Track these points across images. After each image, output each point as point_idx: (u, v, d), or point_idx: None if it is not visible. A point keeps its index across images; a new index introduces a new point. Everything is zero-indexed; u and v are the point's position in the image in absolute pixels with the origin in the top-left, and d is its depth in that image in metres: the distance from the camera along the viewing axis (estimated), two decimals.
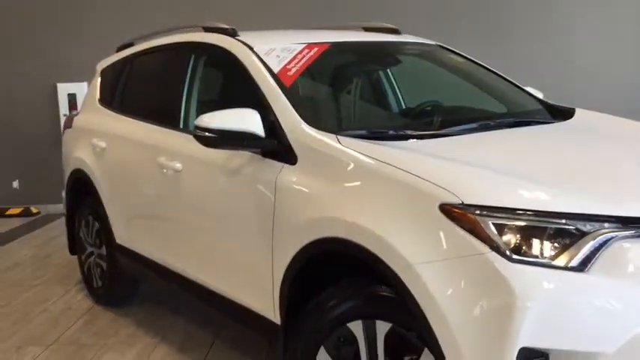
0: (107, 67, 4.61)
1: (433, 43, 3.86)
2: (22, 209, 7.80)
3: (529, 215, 2.02)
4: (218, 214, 3.08)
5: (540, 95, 3.69)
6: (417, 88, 3.94)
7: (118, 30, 6.31)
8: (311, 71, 3.28)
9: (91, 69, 4.92)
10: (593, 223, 2.00)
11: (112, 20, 7.48)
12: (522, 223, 2.01)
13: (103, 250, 4.32)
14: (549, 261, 1.97)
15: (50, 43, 7.66)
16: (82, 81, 7.57)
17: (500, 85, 3.66)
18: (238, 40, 3.27)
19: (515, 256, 1.96)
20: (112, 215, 4.08)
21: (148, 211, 3.72)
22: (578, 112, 3.33)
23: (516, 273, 1.93)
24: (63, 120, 7.60)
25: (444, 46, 3.86)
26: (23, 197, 7.89)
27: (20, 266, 5.60)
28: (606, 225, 2.01)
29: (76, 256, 4.87)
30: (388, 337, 2.30)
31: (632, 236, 2.00)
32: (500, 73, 3.72)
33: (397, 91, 3.95)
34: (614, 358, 1.90)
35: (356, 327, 2.36)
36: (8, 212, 7.74)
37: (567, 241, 1.99)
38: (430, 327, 2.06)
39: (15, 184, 7.97)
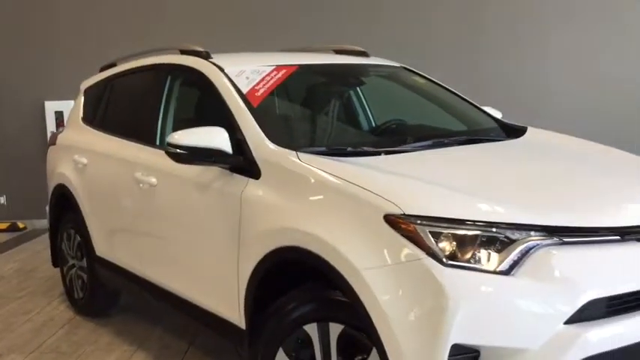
0: (90, 86, 4.81)
1: (398, 65, 4.09)
2: (9, 224, 7.93)
3: (463, 224, 2.22)
4: (190, 225, 3.27)
5: (499, 115, 3.91)
6: (381, 108, 4.16)
7: (103, 50, 6.53)
8: (278, 92, 3.48)
9: (77, 88, 5.11)
10: (520, 232, 2.21)
11: (98, 41, 7.69)
12: (457, 232, 2.21)
13: (84, 263, 4.48)
14: (480, 266, 2.17)
15: (38, 62, 7.86)
16: (69, 99, 7.76)
17: (460, 104, 3.88)
18: (211, 62, 3.48)
19: (449, 262, 2.16)
20: (92, 228, 4.26)
21: (126, 223, 3.90)
22: (530, 130, 3.55)
23: (449, 276, 2.13)
24: (49, 137, 7.82)
25: (408, 67, 4.09)
26: (10, 213, 8.04)
27: (5, 279, 5.74)
28: (532, 233, 2.21)
29: (59, 269, 5.04)
30: (340, 338, 2.48)
31: (556, 243, 2.21)
32: (459, 94, 3.95)
33: (361, 110, 4.17)
34: (538, 354, 2.10)
35: (311, 329, 2.54)
36: None
37: (497, 248, 2.19)
38: (375, 327, 2.25)
39: (2, 199, 8.11)
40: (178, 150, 2.95)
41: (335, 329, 2.49)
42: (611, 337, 2.15)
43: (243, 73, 3.36)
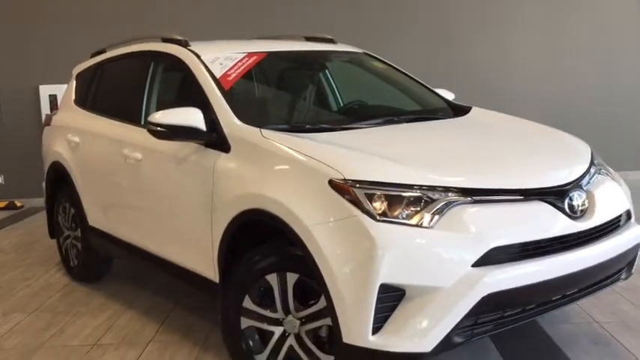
0: (82, 71, 5.22)
1: (360, 50, 4.53)
2: (6, 203, 8.36)
3: (393, 187, 2.67)
4: (170, 194, 3.71)
5: (451, 96, 4.35)
6: (344, 90, 4.60)
7: (94, 37, 6.92)
8: (248, 76, 3.91)
9: (70, 73, 5.52)
10: (440, 193, 2.67)
11: (90, 28, 8.09)
12: (387, 193, 2.66)
13: (78, 233, 4.92)
14: (406, 221, 2.62)
15: (33, 48, 8.26)
16: (63, 83, 8.15)
17: (415, 87, 4.32)
18: (189, 49, 3.90)
19: (380, 217, 2.61)
20: (84, 200, 4.69)
21: (114, 195, 4.33)
22: (473, 110, 4.00)
23: (379, 229, 2.58)
24: (44, 119, 8.23)
25: (370, 53, 4.52)
26: (8, 192, 8.48)
27: (4, 252, 6.18)
28: (450, 194, 2.67)
29: (55, 241, 5.48)
30: (296, 285, 2.94)
31: (469, 202, 2.67)
32: (415, 77, 4.38)
33: (325, 92, 4.60)
34: (450, 291, 2.55)
35: (272, 278, 3.00)
36: None
37: (420, 206, 2.64)
38: (321, 273, 2.70)
39: (0, 179, 8.54)
40: (159, 128, 3.38)
41: (291, 278, 2.95)
42: (509, 279, 2.61)
43: (217, 59, 3.79)
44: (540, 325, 3.80)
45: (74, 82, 5.27)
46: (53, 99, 8.37)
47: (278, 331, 3.02)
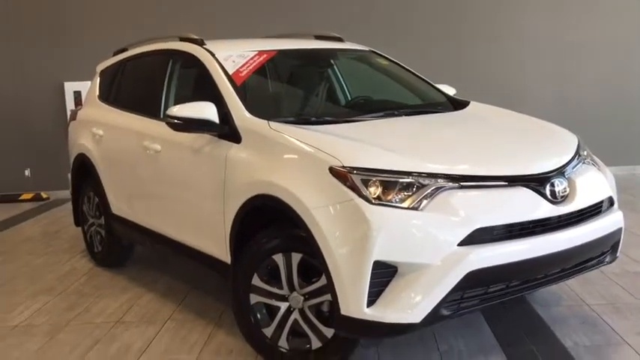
0: (105, 68, 5.54)
1: (367, 48, 4.78)
2: (33, 195, 8.74)
3: (386, 173, 2.93)
4: (186, 183, 3.99)
5: (452, 92, 4.59)
6: (351, 86, 4.86)
7: (116, 36, 7.26)
8: (259, 73, 4.18)
9: (93, 70, 5.83)
10: (430, 179, 2.92)
11: (112, 27, 8.44)
12: (382, 179, 2.92)
13: (102, 220, 5.24)
14: (399, 204, 2.87)
15: (59, 46, 8.63)
16: (87, 80, 8.53)
17: (417, 82, 4.57)
18: (204, 48, 4.18)
19: (375, 201, 2.87)
20: (108, 190, 5.00)
21: (135, 184, 4.63)
22: (472, 104, 4.24)
23: (374, 212, 2.83)
24: (69, 114, 8.59)
25: (376, 51, 4.78)
26: (34, 184, 8.86)
27: (32, 240, 6.54)
28: (439, 180, 2.92)
29: (79, 229, 5.81)
30: (300, 264, 3.22)
31: (456, 187, 2.93)
32: (418, 74, 4.63)
33: (332, 87, 4.86)
34: (438, 267, 2.80)
35: (278, 258, 3.27)
36: (21, 197, 8.69)
37: (412, 191, 2.90)
38: (322, 252, 2.96)
39: (27, 172, 8.91)
40: (176, 121, 3.66)
41: (295, 258, 3.22)
42: (492, 257, 2.85)
43: (230, 57, 4.07)
44: (533, 307, 4.04)
45: (98, 78, 5.58)
46: (77, 95, 8.72)
47: (284, 306, 3.29)
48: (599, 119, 8.29)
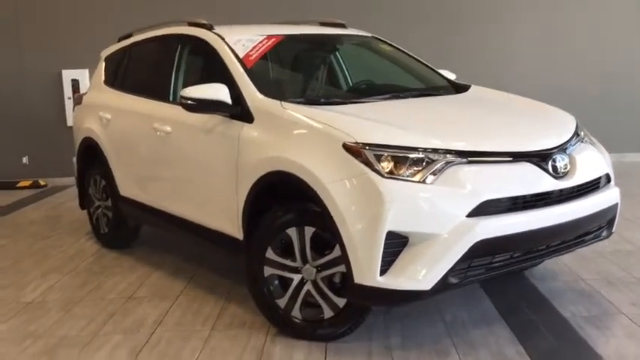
0: (110, 54, 5.64)
1: (369, 35, 4.93)
2: (31, 182, 8.82)
3: (397, 149, 3.08)
4: (199, 162, 4.12)
5: (453, 76, 4.74)
6: (354, 70, 5.01)
7: (114, 24, 7.37)
8: (268, 56, 4.31)
9: (91, 58, 5.92)
10: (439, 154, 3.08)
11: (110, 15, 8.54)
12: (393, 154, 3.07)
13: (109, 203, 5.35)
14: (410, 178, 3.03)
15: (57, 34, 8.71)
16: (84, 68, 8.65)
17: (419, 67, 4.72)
18: (214, 32, 4.31)
19: (387, 175, 3.02)
20: (116, 172, 5.12)
21: (145, 165, 4.75)
22: (473, 87, 4.40)
23: (387, 185, 2.99)
24: (67, 102, 8.71)
25: (378, 37, 4.93)
26: (32, 171, 8.95)
27: (36, 223, 6.63)
28: (448, 155, 3.08)
29: (83, 214, 5.94)
30: (313, 237, 3.36)
31: (464, 162, 3.09)
32: (419, 59, 4.78)
33: (337, 71, 5.00)
34: (447, 237, 2.96)
35: (292, 232, 3.41)
36: (19, 185, 8.76)
37: (422, 166, 3.05)
38: (336, 225, 3.11)
39: (25, 159, 9.01)
40: (190, 102, 3.79)
41: (308, 231, 3.36)
42: (498, 227, 3.02)
43: (239, 41, 4.20)
44: (531, 282, 4.22)
45: (103, 63, 5.68)
46: (75, 83, 8.84)
47: (297, 278, 3.44)
48: (588, 108, 8.47)
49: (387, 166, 3.05)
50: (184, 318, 3.91)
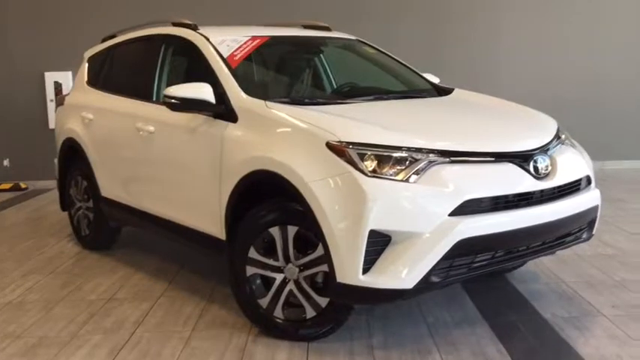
0: (94, 54, 5.61)
1: (353, 37, 4.95)
2: (12, 184, 8.72)
3: (381, 147, 3.09)
4: (182, 162, 4.10)
5: (436, 80, 4.77)
6: (338, 72, 5.03)
7: (98, 26, 7.32)
8: (252, 57, 4.32)
9: (75, 60, 5.89)
10: (422, 154, 3.09)
11: (94, 17, 8.50)
12: (377, 153, 3.07)
13: (90, 204, 5.30)
14: (393, 177, 3.03)
15: (40, 36, 8.65)
16: (67, 70, 8.60)
17: (403, 71, 4.74)
18: (198, 32, 4.30)
19: (370, 174, 3.02)
20: (98, 173, 5.08)
21: (128, 165, 4.72)
22: (456, 91, 4.43)
23: (370, 183, 2.99)
24: (50, 105, 8.64)
25: (362, 40, 4.95)
26: (13, 174, 8.86)
27: (17, 225, 6.57)
28: (431, 155, 3.09)
29: (65, 217, 5.89)
30: (296, 237, 3.35)
31: (446, 162, 3.10)
32: (403, 62, 4.81)
33: (321, 72, 5.02)
34: (430, 236, 2.97)
35: (274, 231, 3.40)
36: (0, 187, 8.68)
37: (405, 165, 3.06)
38: (319, 223, 3.11)
39: (6, 162, 8.93)
40: (173, 100, 3.78)
41: (291, 230, 3.36)
42: (480, 227, 3.03)
43: (224, 41, 4.20)
44: (512, 284, 4.24)
45: (86, 64, 5.64)
46: (58, 86, 8.77)
47: (279, 277, 3.43)
48: (570, 116, 8.54)
49: (370, 164, 3.06)
50: (165, 318, 3.88)
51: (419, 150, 3.10)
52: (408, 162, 3.07)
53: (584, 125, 8.59)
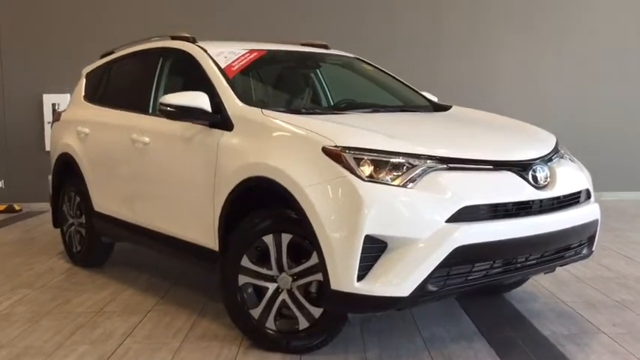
0: (91, 70, 5.60)
1: (351, 55, 4.94)
2: (6, 206, 8.63)
3: (378, 153, 3.04)
4: (176, 173, 4.05)
5: (435, 98, 4.75)
6: (336, 88, 5.01)
7: (96, 48, 7.31)
8: (249, 69, 4.29)
9: (73, 82, 5.86)
10: (419, 160, 3.04)
11: (92, 41, 8.51)
12: (373, 158, 3.03)
13: (83, 219, 5.23)
14: (389, 182, 2.98)
15: (38, 59, 8.67)
16: (65, 93, 8.58)
17: (401, 88, 4.73)
18: (197, 45, 4.30)
19: (366, 179, 2.97)
20: (91, 187, 5.01)
21: (123, 178, 4.65)
22: (454, 108, 4.41)
23: (366, 188, 2.94)
24: (47, 127, 8.61)
25: (360, 58, 4.94)
26: (7, 195, 8.78)
27: (8, 244, 6.46)
28: (428, 161, 3.05)
29: (57, 236, 5.79)
30: (289, 245, 3.29)
31: (444, 169, 3.06)
32: (401, 80, 4.79)
33: (318, 88, 5.00)
34: (426, 242, 2.91)
35: (268, 239, 3.34)
36: None
37: (402, 171, 3.01)
38: (313, 229, 3.04)
39: (0, 183, 8.84)
40: (169, 108, 3.74)
41: (285, 238, 3.29)
42: (478, 234, 2.97)
43: (222, 53, 4.19)
44: (510, 303, 4.16)
45: (84, 80, 5.63)
46: (56, 108, 8.73)
47: (272, 287, 3.35)
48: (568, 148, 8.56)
49: (366, 170, 3.01)
50: (155, 331, 3.78)
51: (416, 156, 3.06)
52: (405, 167, 3.02)
53: (581, 157, 8.58)
